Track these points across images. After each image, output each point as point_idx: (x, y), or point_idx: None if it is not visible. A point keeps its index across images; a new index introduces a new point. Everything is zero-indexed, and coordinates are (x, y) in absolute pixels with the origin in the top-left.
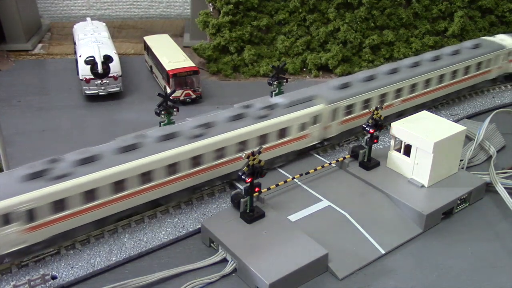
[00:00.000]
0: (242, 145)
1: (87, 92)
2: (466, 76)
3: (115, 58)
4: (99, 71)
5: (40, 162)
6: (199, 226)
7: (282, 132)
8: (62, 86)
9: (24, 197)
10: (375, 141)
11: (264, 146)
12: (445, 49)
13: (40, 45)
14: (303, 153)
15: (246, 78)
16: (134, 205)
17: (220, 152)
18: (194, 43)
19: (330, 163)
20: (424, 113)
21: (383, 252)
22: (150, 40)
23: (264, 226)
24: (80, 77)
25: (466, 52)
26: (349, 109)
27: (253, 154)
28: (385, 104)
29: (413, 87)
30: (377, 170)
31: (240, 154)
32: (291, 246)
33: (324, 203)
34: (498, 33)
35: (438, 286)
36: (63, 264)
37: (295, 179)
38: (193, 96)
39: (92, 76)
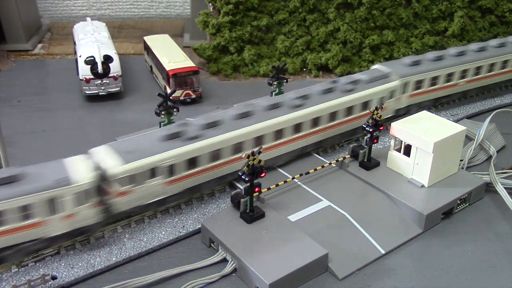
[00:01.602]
0: None
1: (87, 92)
2: None
3: (115, 58)
4: (99, 71)
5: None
6: (199, 226)
7: None
8: (62, 86)
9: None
10: (375, 141)
11: None
12: None
13: (40, 45)
14: (303, 153)
15: (246, 78)
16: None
17: None
18: (194, 43)
19: (330, 163)
20: (424, 113)
21: (383, 252)
22: (150, 40)
23: (264, 226)
24: (80, 77)
25: None
26: None
27: (253, 154)
28: None
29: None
30: (377, 170)
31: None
32: (291, 246)
33: (324, 203)
34: (497, 33)
35: (438, 286)
36: (63, 264)
37: (295, 179)
38: (193, 96)
39: (92, 76)
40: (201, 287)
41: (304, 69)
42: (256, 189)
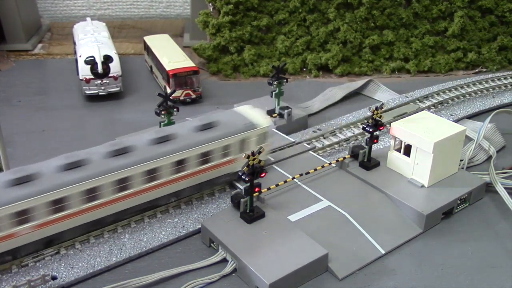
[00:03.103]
0: None
1: (87, 92)
2: None
3: (115, 58)
4: (99, 71)
5: None
6: (199, 226)
7: None
8: (62, 86)
9: None
10: (375, 141)
11: None
12: None
13: (40, 45)
14: (303, 153)
15: (246, 78)
16: None
17: None
18: (194, 43)
19: (330, 163)
20: (424, 113)
21: (383, 252)
22: (150, 40)
23: (264, 226)
24: (80, 77)
25: None
26: None
27: (253, 154)
28: None
29: None
30: (377, 170)
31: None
32: (291, 246)
33: (324, 203)
34: (498, 33)
35: (438, 286)
36: (63, 264)
37: (295, 179)
38: (193, 96)
39: (92, 76)
40: (201, 287)
41: (304, 69)
42: (256, 189)
